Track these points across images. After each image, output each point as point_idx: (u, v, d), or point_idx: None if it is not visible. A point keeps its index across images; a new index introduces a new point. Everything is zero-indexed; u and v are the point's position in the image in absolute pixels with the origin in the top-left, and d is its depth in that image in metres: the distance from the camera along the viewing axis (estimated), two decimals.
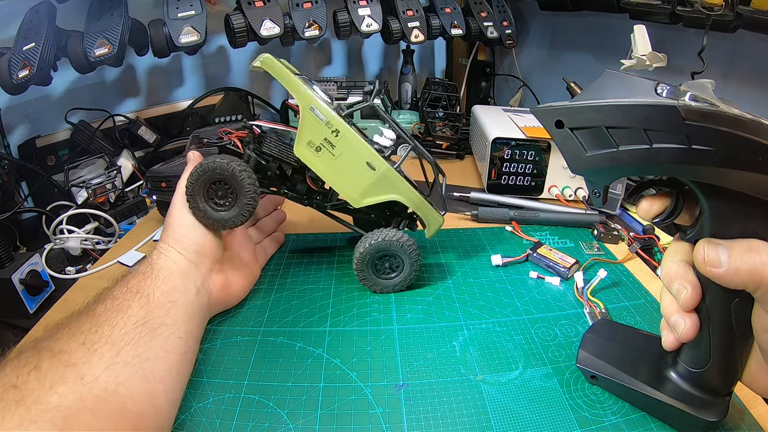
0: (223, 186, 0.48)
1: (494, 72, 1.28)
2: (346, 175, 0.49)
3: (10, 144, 0.81)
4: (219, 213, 0.49)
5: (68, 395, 0.29)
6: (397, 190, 0.50)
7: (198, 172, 0.47)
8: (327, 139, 0.48)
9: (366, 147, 0.48)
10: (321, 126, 0.47)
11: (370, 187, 0.49)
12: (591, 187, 0.33)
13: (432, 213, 0.52)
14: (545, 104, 0.31)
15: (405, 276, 0.53)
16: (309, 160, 0.49)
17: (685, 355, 0.35)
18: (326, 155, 0.48)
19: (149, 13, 0.84)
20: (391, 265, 0.53)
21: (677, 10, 0.74)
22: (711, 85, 0.28)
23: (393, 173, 0.49)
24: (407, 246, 0.51)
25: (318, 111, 0.47)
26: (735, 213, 0.28)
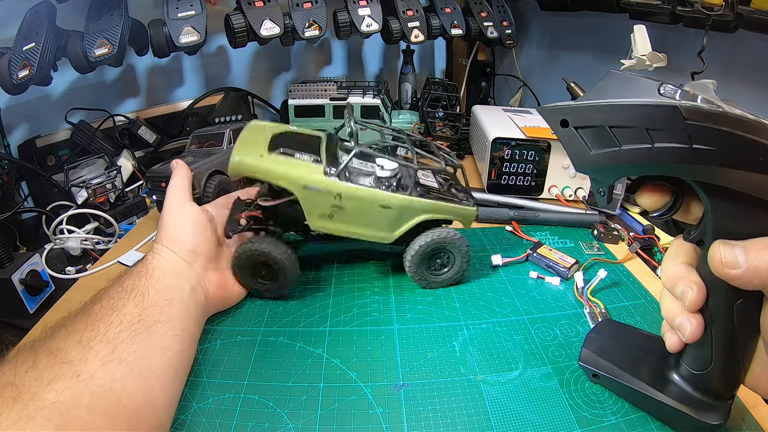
0: (266, 266, 0.51)
1: (494, 72, 1.28)
2: (367, 224, 0.50)
3: (10, 144, 0.81)
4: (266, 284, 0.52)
5: (65, 392, 0.30)
6: (420, 212, 0.51)
7: (242, 255, 0.49)
8: (334, 205, 0.48)
9: (372, 192, 0.48)
10: (322, 196, 0.48)
11: (393, 223, 0.50)
12: (595, 186, 0.33)
13: (462, 210, 0.52)
14: (551, 104, 0.31)
15: (456, 270, 0.54)
16: (328, 227, 0.50)
17: (687, 357, 0.35)
18: (340, 217, 0.49)
19: (149, 13, 0.84)
20: (443, 262, 0.54)
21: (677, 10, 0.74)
22: (713, 85, 0.28)
23: (408, 200, 0.49)
24: (458, 241, 0.52)
25: (313, 186, 0.47)
26: (738, 212, 0.28)
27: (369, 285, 0.56)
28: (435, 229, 0.52)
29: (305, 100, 0.99)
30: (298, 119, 1.00)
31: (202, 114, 1.00)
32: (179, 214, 0.50)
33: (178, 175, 0.53)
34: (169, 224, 0.49)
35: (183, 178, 0.53)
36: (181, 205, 0.50)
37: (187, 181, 0.53)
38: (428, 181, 0.54)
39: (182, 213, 0.50)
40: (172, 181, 0.52)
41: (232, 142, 0.75)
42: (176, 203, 0.50)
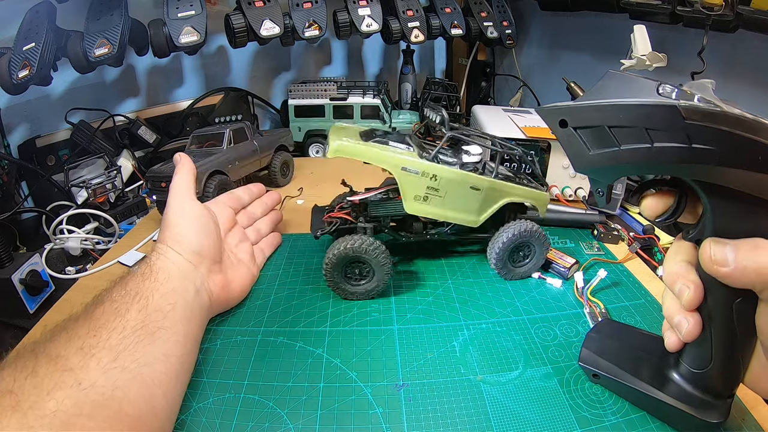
0: (359, 264, 0.51)
1: (494, 72, 1.28)
2: (458, 207, 0.52)
3: (10, 144, 0.81)
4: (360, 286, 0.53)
5: (65, 401, 0.29)
6: (505, 195, 0.53)
7: (335, 257, 0.50)
8: (429, 187, 0.50)
9: (463, 174, 0.51)
10: (418, 179, 0.50)
11: (482, 205, 0.53)
12: (594, 186, 0.33)
13: (538, 195, 0.55)
14: (550, 104, 0.31)
15: (536, 262, 0.56)
16: (422, 210, 0.51)
17: (687, 356, 0.35)
18: (434, 200, 0.51)
19: (149, 13, 0.84)
20: (525, 254, 0.56)
21: (677, 10, 0.74)
22: (711, 85, 0.28)
23: (495, 183, 0.52)
24: (539, 234, 0.54)
25: (410, 167, 0.49)
26: (737, 212, 0.28)
27: None
28: (519, 222, 0.54)
29: (305, 100, 0.99)
30: (298, 119, 1.00)
31: (202, 114, 1.00)
32: (184, 213, 0.48)
33: (182, 171, 0.52)
34: (173, 224, 0.48)
35: (187, 173, 0.52)
36: (186, 203, 0.49)
37: (192, 177, 0.52)
38: (505, 171, 0.57)
39: (187, 212, 0.48)
40: (176, 178, 0.51)
41: (232, 142, 0.75)
42: (181, 201, 0.49)
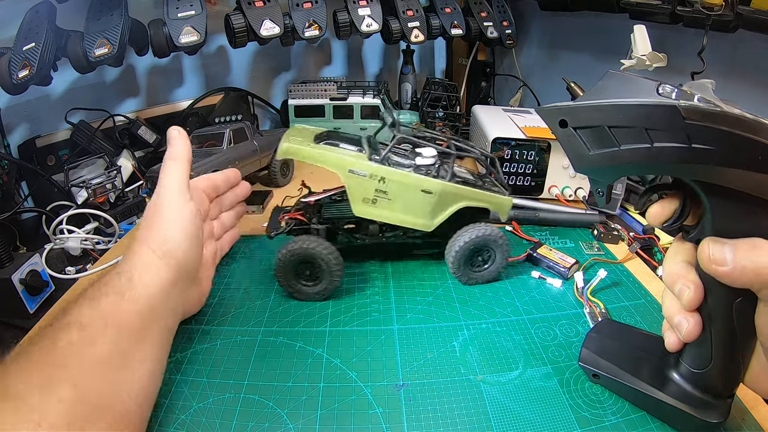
0: (310, 266, 0.51)
1: (494, 72, 1.28)
2: (409, 210, 0.51)
3: (10, 144, 0.81)
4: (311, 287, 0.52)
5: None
6: (460, 198, 0.52)
7: (285, 256, 0.50)
8: (377, 189, 0.49)
9: (414, 177, 0.50)
10: (366, 181, 0.49)
11: (434, 210, 0.51)
12: (594, 186, 0.33)
13: (498, 199, 0.54)
14: (549, 104, 0.31)
15: (496, 267, 0.55)
16: (371, 213, 0.51)
17: (687, 356, 0.35)
18: (383, 202, 0.50)
19: (149, 13, 0.84)
20: (484, 258, 0.55)
21: (677, 10, 0.74)
22: (711, 85, 0.28)
23: (449, 186, 0.51)
24: (499, 239, 0.53)
25: (357, 170, 0.48)
26: (737, 212, 0.28)
27: (369, 285, 0.56)
28: (478, 225, 0.53)
29: (305, 100, 0.99)
30: (298, 119, 1.00)
31: (202, 114, 1.00)
32: (182, 216, 0.42)
33: (179, 157, 0.44)
34: (165, 228, 0.41)
35: (185, 162, 0.44)
36: (184, 203, 0.43)
37: (189, 165, 0.45)
38: (464, 174, 0.56)
39: (185, 216, 0.42)
40: (172, 165, 0.43)
41: (232, 142, 0.75)
42: (178, 199, 0.42)
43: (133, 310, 0.36)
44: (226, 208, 0.56)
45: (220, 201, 0.55)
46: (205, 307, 0.52)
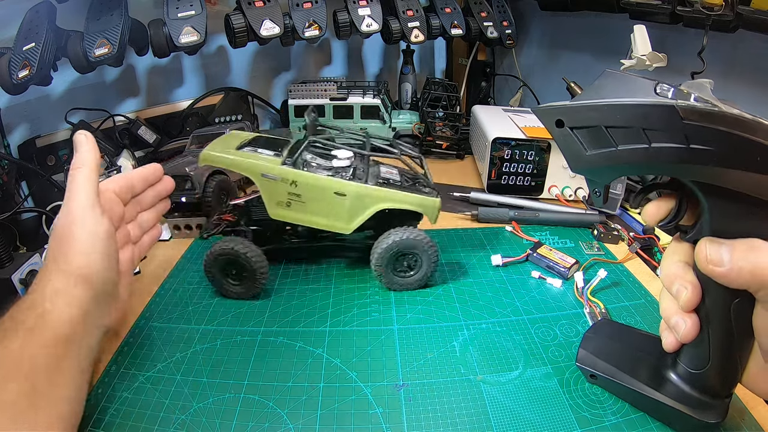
0: (235, 266, 0.51)
1: (494, 72, 1.28)
2: (324, 213, 0.51)
3: (10, 144, 0.81)
4: (236, 287, 0.52)
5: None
6: (378, 200, 0.51)
7: (212, 254, 0.51)
8: (290, 193, 0.50)
9: (326, 180, 0.49)
10: (278, 185, 0.49)
11: (350, 212, 0.51)
12: (591, 187, 0.33)
13: (423, 201, 0.52)
14: (546, 104, 0.31)
15: (422, 275, 0.54)
16: (286, 216, 0.51)
17: (684, 356, 0.35)
18: (297, 205, 0.50)
19: (149, 13, 0.84)
20: (410, 264, 0.54)
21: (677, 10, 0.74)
22: (710, 84, 0.28)
23: (364, 188, 0.50)
24: (425, 245, 0.52)
25: (269, 174, 0.49)
26: (735, 212, 0.28)
27: (369, 285, 0.56)
28: (403, 228, 0.52)
29: (305, 100, 0.99)
30: (298, 119, 1.00)
31: (202, 114, 1.00)
32: (94, 235, 0.37)
33: (87, 164, 0.39)
34: (81, 251, 0.37)
35: (93, 168, 0.39)
36: (97, 218, 0.38)
37: (98, 172, 0.40)
38: (391, 176, 0.54)
39: (98, 234, 0.38)
40: (80, 173, 0.39)
41: None
42: (90, 215, 0.38)
43: (45, 345, 0.33)
44: (145, 207, 0.49)
45: (138, 201, 0.48)
46: (205, 307, 0.52)
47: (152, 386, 0.42)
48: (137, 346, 0.47)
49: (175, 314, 0.51)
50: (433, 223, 0.53)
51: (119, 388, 0.42)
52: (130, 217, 0.47)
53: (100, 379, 0.43)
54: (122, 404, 0.40)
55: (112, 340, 0.47)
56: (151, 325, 0.50)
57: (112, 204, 0.43)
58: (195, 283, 0.57)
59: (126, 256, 0.45)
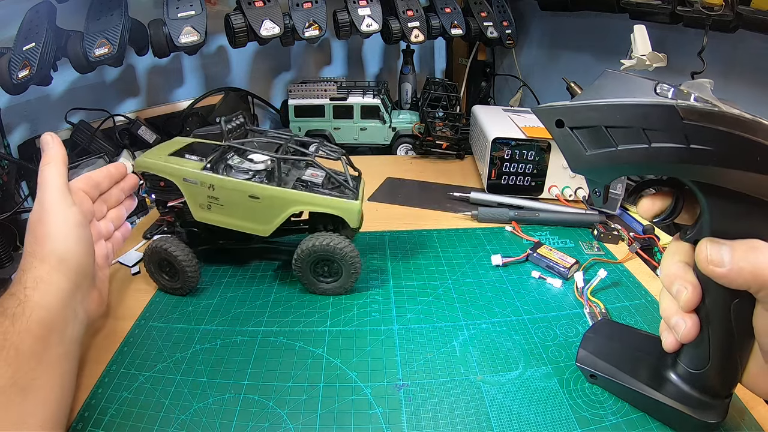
0: (168, 263, 0.53)
1: (494, 72, 1.28)
2: (241, 215, 0.51)
3: (10, 144, 0.81)
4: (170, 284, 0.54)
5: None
6: (291, 203, 0.50)
7: (147, 252, 0.53)
8: (209, 196, 0.51)
9: (240, 183, 0.50)
10: (198, 188, 0.51)
11: (264, 214, 0.51)
12: (591, 186, 0.33)
13: (339, 204, 0.50)
14: (546, 104, 0.31)
15: (341, 284, 0.53)
16: (208, 218, 0.52)
17: (684, 356, 0.35)
18: (216, 208, 0.51)
19: (149, 13, 0.84)
20: (330, 271, 0.53)
21: (677, 10, 0.74)
22: (710, 84, 0.28)
23: (276, 191, 0.50)
24: (345, 253, 0.51)
25: (189, 178, 0.51)
26: (735, 213, 0.28)
27: (369, 285, 0.56)
28: (325, 234, 0.52)
29: (305, 100, 0.99)
30: (298, 119, 1.00)
31: (202, 114, 1.00)
32: (67, 221, 0.39)
33: (54, 160, 0.41)
34: (54, 236, 0.38)
35: (62, 165, 0.42)
36: (68, 208, 0.40)
37: (66, 168, 0.42)
38: (314, 179, 0.53)
39: (70, 221, 0.40)
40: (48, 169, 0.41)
41: None
42: (61, 205, 0.39)
43: (28, 331, 0.34)
44: (112, 204, 0.53)
45: (104, 199, 0.52)
46: (205, 307, 0.52)
47: (152, 386, 0.42)
48: (137, 346, 0.47)
49: (175, 314, 0.51)
50: (353, 226, 0.51)
51: (119, 388, 0.41)
52: (101, 214, 0.51)
53: (100, 379, 0.43)
54: (122, 404, 0.40)
55: (111, 340, 0.48)
56: (151, 325, 0.49)
57: (81, 199, 0.45)
58: None
59: (101, 252, 0.48)
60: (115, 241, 0.53)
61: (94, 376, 0.43)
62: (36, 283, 0.36)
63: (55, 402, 0.35)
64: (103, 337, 0.48)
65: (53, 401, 0.34)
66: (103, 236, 0.50)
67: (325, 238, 0.51)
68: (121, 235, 0.54)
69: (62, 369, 0.36)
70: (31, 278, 0.36)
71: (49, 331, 0.35)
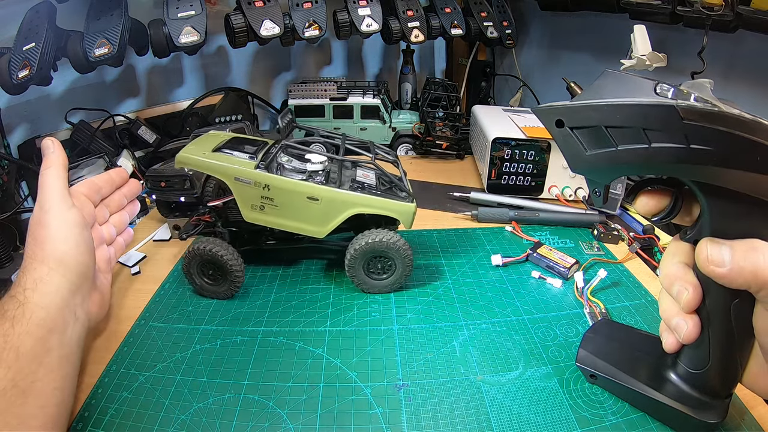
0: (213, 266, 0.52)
1: (494, 72, 1.28)
2: (297, 217, 0.51)
3: (10, 144, 0.81)
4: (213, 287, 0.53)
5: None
6: (350, 206, 0.50)
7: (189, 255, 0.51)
8: (263, 196, 0.49)
9: (298, 184, 0.49)
10: (252, 188, 0.49)
11: (322, 217, 0.50)
12: (591, 187, 0.33)
13: (397, 206, 0.51)
14: (546, 104, 0.31)
15: (396, 278, 0.53)
16: (260, 219, 0.51)
17: (684, 357, 0.35)
18: (271, 209, 0.50)
19: (149, 13, 0.84)
20: (384, 267, 0.53)
21: (677, 10, 0.74)
22: (710, 84, 0.28)
23: (336, 193, 0.50)
24: (399, 248, 0.51)
25: (242, 178, 0.49)
26: (735, 213, 0.28)
27: None
28: (378, 231, 0.52)
29: (305, 100, 0.99)
30: (298, 119, 1.00)
31: (202, 114, 1.00)
32: (67, 223, 0.40)
33: (55, 164, 0.42)
34: (54, 237, 0.39)
35: (62, 168, 0.42)
36: (67, 210, 0.41)
37: (66, 172, 0.43)
38: (367, 180, 0.53)
39: (70, 222, 0.40)
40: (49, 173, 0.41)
41: None
42: (61, 208, 0.40)
43: (27, 332, 0.34)
44: (114, 209, 0.53)
45: (106, 203, 0.52)
46: (205, 307, 0.52)
47: (152, 386, 0.42)
48: (137, 346, 0.47)
49: (175, 314, 0.51)
50: (407, 228, 0.52)
51: (119, 388, 0.42)
52: (103, 218, 0.51)
53: (100, 379, 0.43)
54: (122, 404, 0.40)
55: (111, 340, 0.48)
56: (151, 325, 0.50)
57: (82, 203, 0.46)
58: None
59: (103, 256, 0.48)
60: (117, 245, 0.53)
61: (94, 376, 0.43)
62: (35, 285, 0.36)
63: (55, 404, 0.35)
64: (103, 337, 0.48)
65: (54, 404, 0.34)
66: (105, 240, 0.50)
67: (377, 235, 0.51)
68: (123, 240, 0.54)
69: (63, 371, 0.36)
70: (30, 280, 0.37)
71: (48, 333, 0.35)
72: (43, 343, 0.34)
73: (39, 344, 0.34)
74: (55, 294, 0.37)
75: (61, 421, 0.35)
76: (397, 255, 0.52)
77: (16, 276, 0.38)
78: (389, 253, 0.52)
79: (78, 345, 0.39)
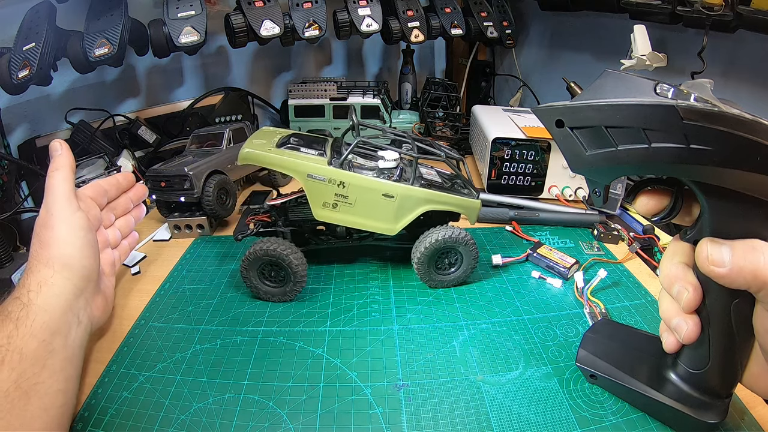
0: (274, 267, 0.51)
1: (494, 72, 1.28)
2: (371, 214, 0.50)
3: (10, 144, 0.81)
4: (274, 289, 0.52)
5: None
6: (423, 203, 0.51)
7: (251, 256, 0.50)
8: (337, 194, 0.49)
9: (374, 182, 0.49)
10: (325, 186, 0.49)
11: (397, 213, 0.51)
12: (591, 187, 0.33)
13: (465, 202, 0.52)
14: (546, 104, 0.31)
15: (463, 270, 0.54)
16: (332, 217, 0.50)
17: (684, 357, 0.35)
18: (344, 207, 0.50)
19: (149, 13, 0.84)
20: (450, 261, 0.54)
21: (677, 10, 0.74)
22: (710, 84, 0.28)
23: (411, 191, 0.50)
24: (466, 241, 0.52)
25: (316, 175, 0.48)
26: (735, 213, 0.28)
27: (369, 285, 0.56)
28: (445, 227, 0.52)
29: (305, 100, 0.99)
30: (298, 119, 1.00)
31: (202, 114, 1.00)
32: (72, 226, 0.40)
33: (62, 167, 0.42)
34: (60, 240, 0.39)
35: (69, 171, 0.42)
36: (73, 213, 0.41)
37: (73, 175, 0.43)
38: (431, 177, 0.54)
39: (75, 225, 0.40)
40: (56, 175, 0.41)
41: (231, 141, 0.75)
42: (67, 211, 0.40)
43: (31, 334, 0.34)
44: (120, 213, 0.54)
45: (112, 207, 0.52)
46: (205, 307, 0.52)
47: (152, 386, 0.42)
48: (137, 346, 0.47)
49: (175, 314, 0.51)
50: (472, 223, 0.54)
51: (119, 388, 0.41)
52: (108, 222, 0.51)
53: (100, 379, 0.43)
54: (122, 404, 0.40)
55: (111, 340, 0.48)
56: (151, 325, 0.49)
57: (89, 206, 0.46)
58: (195, 283, 0.57)
59: (107, 259, 0.48)
60: (122, 249, 0.53)
61: (95, 376, 0.43)
62: (39, 287, 0.37)
63: (58, 406, 0.35)
64: (103, 337, 0.48)
65: (57, 405, 0.35)
66: (110, 244, 0.51)
67: (446, 231, 0.52)
68: (128, 244, 0.54)
69: (66, 374, 0.36)
70: (34, 282, 0.37)
71: (52, 335, 0.35)
72: (47, 345, 0.35)
73: (42, 346, 0.34)
74: (59, 297, 0.37)
75: (63, 423, 0.35)
76: (464, 250, 0.53)
77: (19, 277, 0.39)
78: (458, 248, 0.53)
79: (81, 348, 0.39)
